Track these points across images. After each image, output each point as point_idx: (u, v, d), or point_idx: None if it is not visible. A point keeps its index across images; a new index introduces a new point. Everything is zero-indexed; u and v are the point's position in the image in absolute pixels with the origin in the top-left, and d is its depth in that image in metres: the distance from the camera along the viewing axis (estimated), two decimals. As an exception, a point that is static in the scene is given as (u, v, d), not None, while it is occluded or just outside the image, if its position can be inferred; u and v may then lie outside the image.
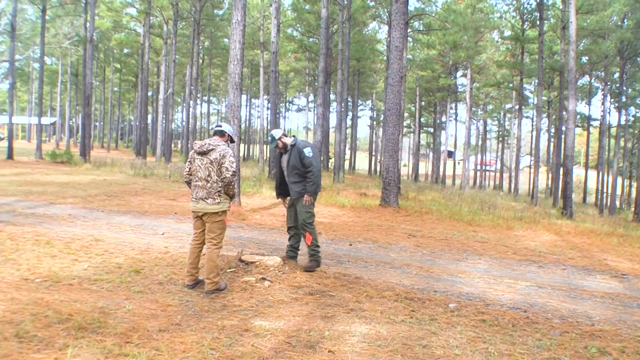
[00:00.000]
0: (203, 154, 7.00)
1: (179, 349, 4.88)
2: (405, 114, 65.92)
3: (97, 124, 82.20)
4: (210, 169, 6.92)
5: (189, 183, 7.26)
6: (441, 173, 58.57)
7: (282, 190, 8.83)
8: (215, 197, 6.92)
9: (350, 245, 11.41)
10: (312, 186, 8.25)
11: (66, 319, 5.31)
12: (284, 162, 8.55)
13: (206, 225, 7.06)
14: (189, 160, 7.22)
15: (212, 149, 6.96)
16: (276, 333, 5.54)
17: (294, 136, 8.69)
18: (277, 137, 8.44)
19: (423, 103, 62.06)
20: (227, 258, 8.24)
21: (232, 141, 7.47)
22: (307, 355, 4.99)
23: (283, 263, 8.07)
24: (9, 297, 5.96)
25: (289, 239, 8.78)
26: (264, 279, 7.45)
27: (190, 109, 47.02)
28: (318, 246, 8.44)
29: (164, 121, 44.53)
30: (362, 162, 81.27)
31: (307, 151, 8.24)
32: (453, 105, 56.51)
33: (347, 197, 21.27)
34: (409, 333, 5.80)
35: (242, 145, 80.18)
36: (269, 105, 34.13)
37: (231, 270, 7.81)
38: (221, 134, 7.23)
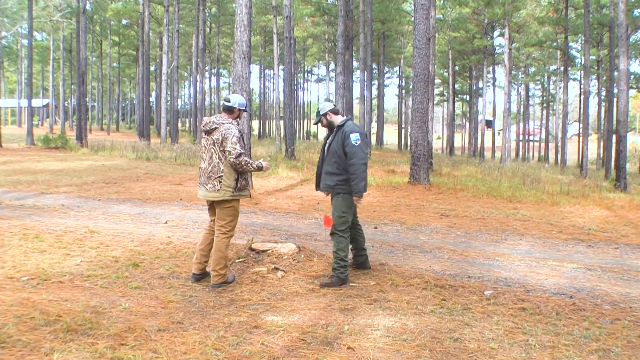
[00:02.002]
0: (207, 132, 6.93)
1: (180, 350, 4.85)
2: (438, 81, 65.50)
3: (95, 104, 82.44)
4: (212, 150, 6.85)
5: None
6: (479, 145, 57.89)
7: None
8: (215, 183, 6.82)
9: (375, 228, 11.36)
10: (359, 183, 7.09)
11: (54, 321, 5.30)
12: (327, 146, 7.55)
13: (216, 212, 7.03)
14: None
15: (215, 128, 6.87)
16: (289, 329, 5.50)
17: (347, 117, 7.61)
18: (322, 112, 7.49)
19: (457, 68, 61.42)
20: (236, 247, 8.20)
21: (244, 111, 7.25)
22: (324, 353, 4.94)
23: (298, 251, 7.96)
24: (-9, 298, 5.97)
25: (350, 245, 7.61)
26: (276, 268, 7.41)
27: (198, 84, 47.06)
28: (345, 260, 7.23)
29: (168, 98, 44.51)
30: (390, 136, 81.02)
31: (354, 137, 7.09)
32: (490, 69, 55.84)
33: (373, 174, 21.21)
34: (438, 325, 5.73)
35: (257, 122, 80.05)
36: (284, 76, 33.93)
37: (240, 260, 7.77)
38: (229, 110, 7.05)
